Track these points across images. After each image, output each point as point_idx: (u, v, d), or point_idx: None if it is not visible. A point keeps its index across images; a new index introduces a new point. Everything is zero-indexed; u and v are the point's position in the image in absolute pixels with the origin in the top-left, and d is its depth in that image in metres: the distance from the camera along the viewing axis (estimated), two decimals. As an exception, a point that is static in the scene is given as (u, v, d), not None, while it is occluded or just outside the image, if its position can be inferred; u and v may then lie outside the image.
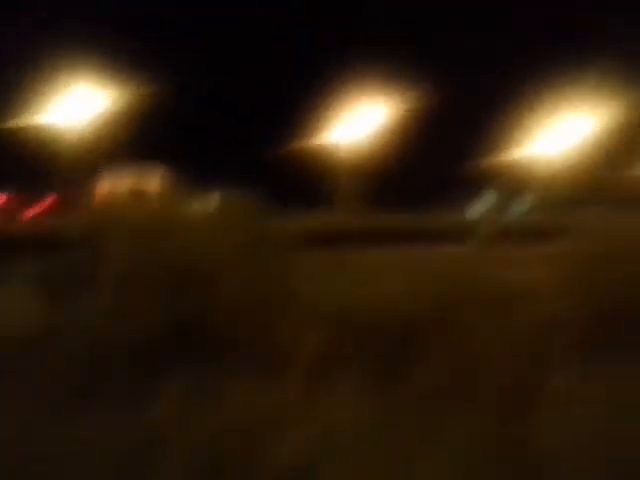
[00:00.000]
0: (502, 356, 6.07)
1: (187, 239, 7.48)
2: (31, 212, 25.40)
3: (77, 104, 29.67)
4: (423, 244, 14.75)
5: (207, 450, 4.31)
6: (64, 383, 5.69)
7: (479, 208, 35.46)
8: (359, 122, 34.81)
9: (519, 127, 36.84)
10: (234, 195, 8.13)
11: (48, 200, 26.15)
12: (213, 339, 6.30)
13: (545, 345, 6.40)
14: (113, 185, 22.45)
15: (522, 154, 39.09)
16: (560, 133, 38.25)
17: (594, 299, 7.29)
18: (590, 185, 37.71)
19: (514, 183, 44.49)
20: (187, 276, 7.10)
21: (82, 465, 4.31)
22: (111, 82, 28.88)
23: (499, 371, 5.83)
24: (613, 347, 5.98)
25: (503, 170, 40.29)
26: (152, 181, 22.75)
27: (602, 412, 4.39)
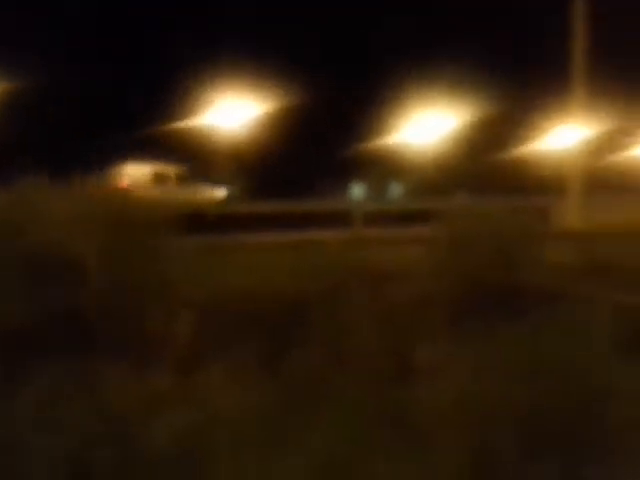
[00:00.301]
0: (380, 330, 6.27)
1: (53, 226, 7.06)
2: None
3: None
4: (302, 229, 14.92)
5: (78, 437, 4.12)
6: None
7: (355, 194, 36.35)
8: (238, 111, 34.66)
9: (391, 118, 38.19)
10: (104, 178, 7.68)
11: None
12: (85, 327, 6.02)
13: (420, 319, 6.70)
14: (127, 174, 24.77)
15: (394, 143, 40.56)
16: (428, 124, 40.05)
17: (460, 276, 7.73)
18: (455, 173, 39.76)
19: (387, 170, 45.99)
20: (56, 263, 6.73)
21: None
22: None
23: (378, 344, 6.02)
24: (478, 318, 6.35)
25: (377, 158, 41.56)
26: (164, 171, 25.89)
27: (470, 375, 4.66)
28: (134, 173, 25.84)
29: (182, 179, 26.09)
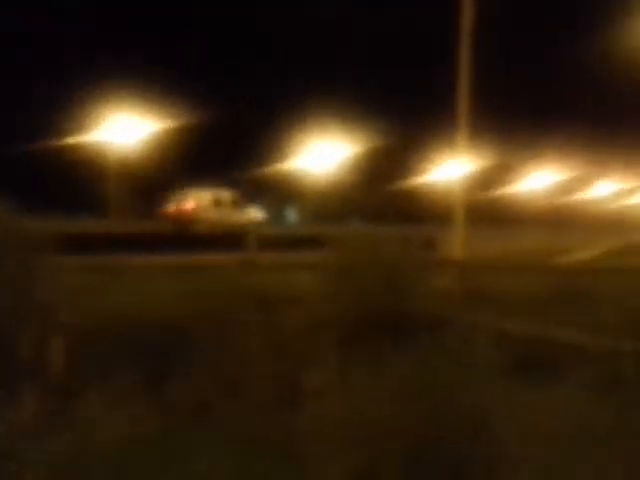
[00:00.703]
0: (271, 355, 6.15)
1: None
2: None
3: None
4: (195, 251, 14.59)
5: None
6: None
7: (252, 217, 36.05)
8: (134, 128, 33.71)
9: (288, 145, 38.59)
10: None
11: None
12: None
13: (309, 344, 6.65)
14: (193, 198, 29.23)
15: (291, 169, 40.94)
16: (324, 153, 40.81)
17: (350, 302, 7.78)
18: (350, 200, 40.60)
19: (284, 196, 46.20)
20: None
21: None
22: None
23: (268, 369, 5.89)
24: (368, 343, 6.38)
25: (274, 183, 41.67)
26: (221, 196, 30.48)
27: (358, 399, 4.63)
28: (198, 198, 29.53)
29: (236, 203, 31.19)
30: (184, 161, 34.84)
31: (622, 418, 4.23)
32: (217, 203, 29.78)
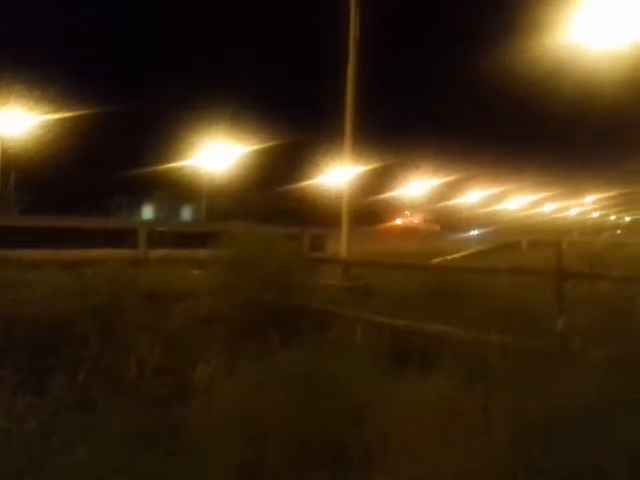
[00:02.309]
0: (160, 350, 5.94)
1: None
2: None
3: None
4: (84, 246, 13.84)
5: None
6: None
7: (144, 214, 34.91)
8: (22, 120, 31.48)
9: (185, 143, 37.64)
10: None
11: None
12: None
13: (199, 339, 6.48)
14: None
15: (186, 168, 39.96)
16: (219, 152, 40.21)
17: (239, 298, 7.68)
18: (242, 199, 40.19)
19: (178, 193, 44.98)
20: None
21: None
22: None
23: (156, 364, 5.68)
24: (256, 337, 6.32)
25: (168, 181, 40.46)
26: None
27: (248, 393, 4.57)
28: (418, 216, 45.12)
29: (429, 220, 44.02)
30: (76, 156, 33.05)
31: (487, 404, 4.45)
32: (426, 220, 44.25)
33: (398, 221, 46.78)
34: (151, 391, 5.08)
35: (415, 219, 46.57)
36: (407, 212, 46.86)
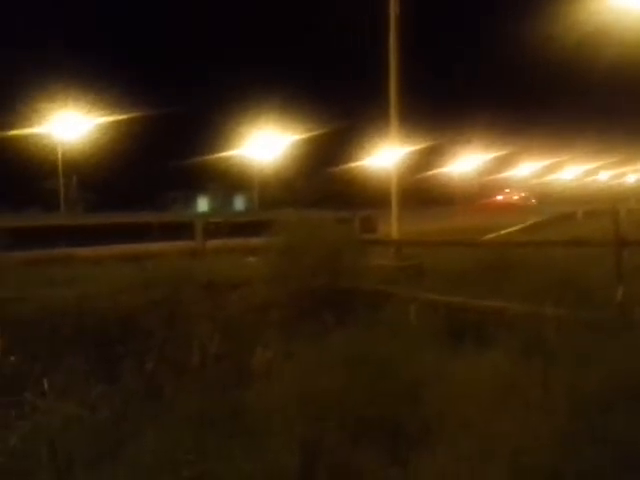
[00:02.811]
0: (220, 337, 6.09)
1: None
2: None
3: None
4: (144, 241, 14.26)
5: None
6: None
7: (199, 206, 35.60)
8: (80, 123, 32.54)
9: (233, 135, 38.09)
10: None
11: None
12: None
13: (256, 324, 6.62)
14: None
15: (237, 159, 40.46)
16: (267, 142, 40.49)
17: (294, 283, 7.78)
18: (293, 187, 40.45)
19: (231, 184, 45.58)
20: None
21: None
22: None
23: (218, 351, 5.84)
24: (312, 321, 6.41)
25: (221, 172, 41.07)
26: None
27: (306, 374, 4.65)
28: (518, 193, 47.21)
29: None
30: (132, 154, 33.94)
31: (545, 378, 4.39)
32: (524, 196, 46.24)
33: (499, 197, 50.57)
34: (213, 377, 5.23)
35: (514, 195, 49.63)
36: (507, 190, 51.84)
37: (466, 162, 56.33)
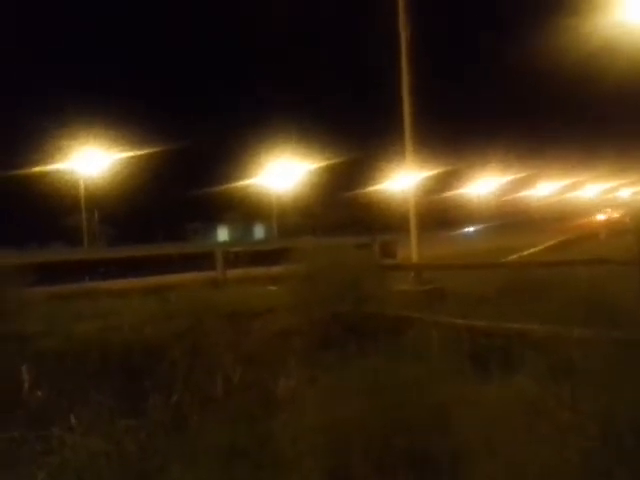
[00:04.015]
0: (243, 365, 6.10)
1: None
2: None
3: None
4: (165, 273, 14.39)
5: None
6: None
7: (219, 236, 35.87)
8: (99, 157, 33.19)
9: (252, 164, 38.51)
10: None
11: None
12: None
13: (279, 352, 6.61)
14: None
15: (255, 188, 40.81)
16: (285, 170, 40.85)
17: (315, 310, 7.78)
18: (312, 214, 40.61)
19: (250, 214, 45.92)
20: None
21: None
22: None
23: (241, 379, 5.84)
24: (335, 347, 6.38)
25: (240, 202, 41.41)
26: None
27: (330, 402, 4.62)
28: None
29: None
30: (148, 187, 34.42)
31: (573, 401, 4.30)
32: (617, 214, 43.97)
33: (600, 216, 50.80)
34: (238, 406, 5.23)
35: (613, 213, 49.84)
36: (608, 209, 50.03)
37: (485, 185, 56.24)
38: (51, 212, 31.46)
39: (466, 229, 45.48)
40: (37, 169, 30.77)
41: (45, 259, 13.88)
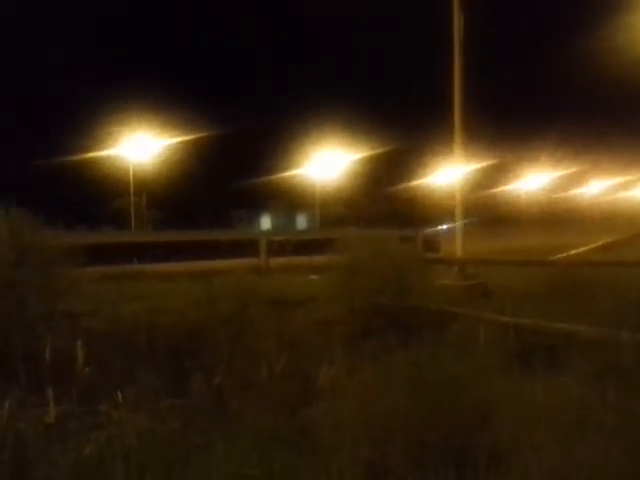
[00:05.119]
0: (285, 353, 6.16)
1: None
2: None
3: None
4: (210, 258, 14.61)
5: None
6: None
7: (262, 224, 36.24)
8: (148, 144, 33.83)
9: (296, 154, 38.65)
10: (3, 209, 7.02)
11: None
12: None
13: (321, 342, 6.65)
14: None
15: (299, 177, 40.99)
16: (330, 160, 40.84)
17: (358, 300, 7.79)
18: (356, 205, 40.56)
19: (294, 202, 46.20)
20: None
21: None
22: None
23: (283, 367, 5.90)
24: (376, 339, 6.38)
25: (284, 191, 41.70)
26: None
27: (371, 393, 4.63)
28: None
29: None
30: (196, 174, 34.95)
31: (621, 405, 4.20)
32: None
33: None
34: (280, 392, 5.29)
35: None
36: None
37: (534, 180, 54.98)
38: (101, 196, 32.33)
39: (512, 225, 44.64)
40: (88, 155, 31.61)
41: (95, 241, 14.27)
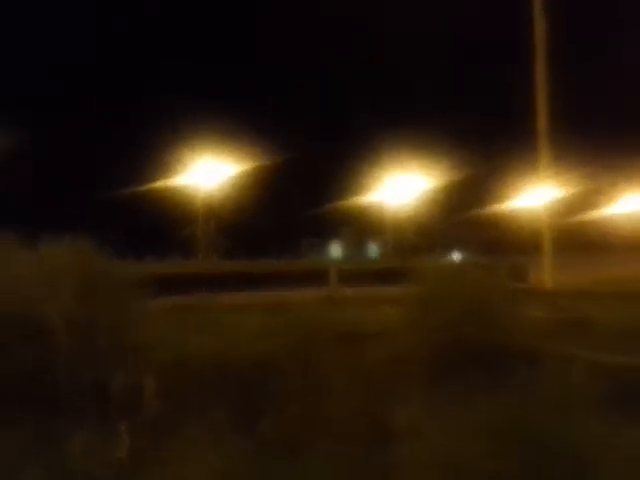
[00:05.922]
0: (356, 390, 6.09)
1: (22, 287, 6.79)
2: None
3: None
4: (279, 288, 14.75)
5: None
6: None
7: (333, 253, 36.32)
8: (215, 171, 34.88)
9: (367, 179, 38.76)
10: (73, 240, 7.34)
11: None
12: (51, 390, 5.73)
13: (397, 379, 6.53)
14: None
15: (370, 204, 41.00)
16: (403, 185, 40.67)
17: (435, 334, 7.60)
18: (431, 232, 40.12)
19: (364, 230, 46.24)
20: (24, 324, 6.47)
21: None
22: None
23: (354, 405, 5.83)
24: (455, 377, 6.20)
25: (354, 218, 41.83)
26: None
27: (451, 438, 4.49)
28: None
29: None
30: (265, 201, 35.65)
31: None
32: None
33: None
34: (354, 432, 5.21)
35: None
36: None
37: (628, 204, 52.63)
38: (169, 225, 33.42)
39: (607, 252, 42.68)
40: (157, 184, 32.80)
41: (163, 271, 14.72)
